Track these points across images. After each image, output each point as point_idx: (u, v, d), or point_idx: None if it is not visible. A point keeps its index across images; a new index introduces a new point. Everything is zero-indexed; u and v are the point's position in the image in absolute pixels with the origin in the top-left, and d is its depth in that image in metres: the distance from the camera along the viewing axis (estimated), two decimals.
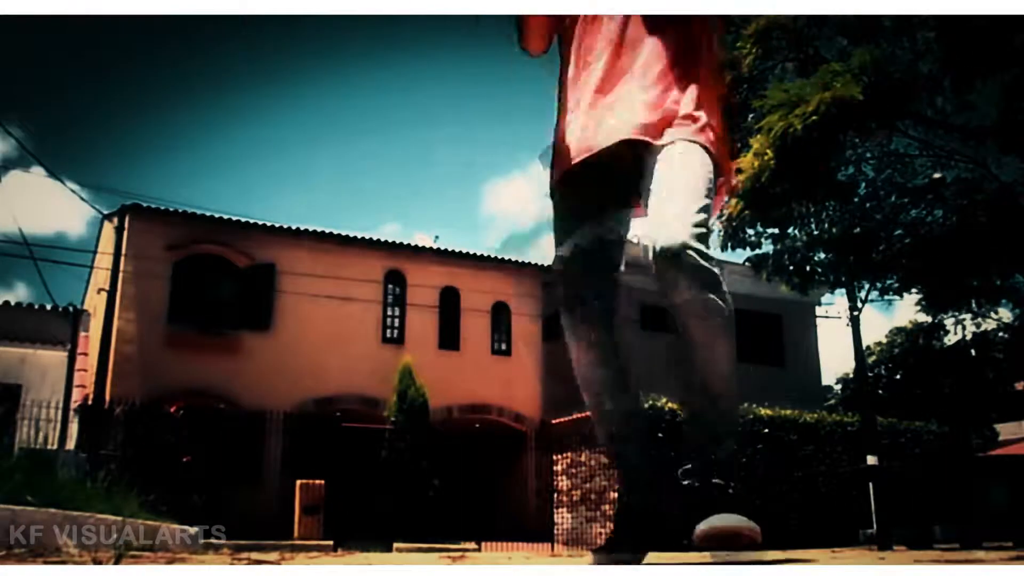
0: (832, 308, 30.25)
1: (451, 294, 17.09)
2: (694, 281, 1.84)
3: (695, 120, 2.04)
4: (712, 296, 1.86)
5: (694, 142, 2.01)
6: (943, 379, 23.70)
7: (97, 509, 4.28)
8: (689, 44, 2.16)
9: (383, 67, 46.01)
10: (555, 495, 14.30)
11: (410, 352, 15.21)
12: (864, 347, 14.79)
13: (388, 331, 16.49)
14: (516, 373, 16.84)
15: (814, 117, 7.10)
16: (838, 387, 26.77)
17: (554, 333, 18.69)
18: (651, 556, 2.05)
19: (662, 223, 1.90)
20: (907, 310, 63.28)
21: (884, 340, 26.45)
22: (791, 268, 10.49)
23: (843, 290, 12.90)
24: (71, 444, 12.45)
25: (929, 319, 19.09)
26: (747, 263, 11.15)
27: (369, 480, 13.18)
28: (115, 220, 14.77)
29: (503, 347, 17.13)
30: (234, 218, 15.72)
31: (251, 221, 15.84)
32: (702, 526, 1.79)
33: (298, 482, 12.34)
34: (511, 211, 59.50)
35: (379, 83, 47.43)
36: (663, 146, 2.01)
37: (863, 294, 12.89)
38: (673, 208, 1.91)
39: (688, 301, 1.87)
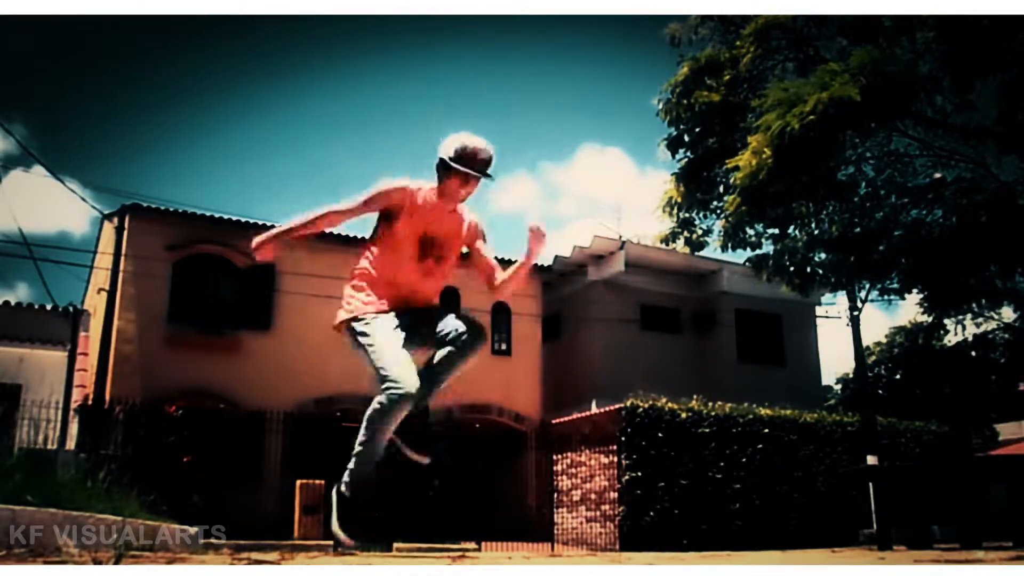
0: (832, 308, 30.23)
1: (451, 294, 17.08)
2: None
3: None
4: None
5: None
6: (943, 379, 23.67)
7: (97, 509, 4.28)
8: None
9: (385, 66, 46.07)
10: (555, 495, 14.30)
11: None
12: (864, 347, 14.76)
13: None
14: (516, 373, 16.81)
15: (812, 117, 7.10)
16: (838, 387, 26.73)
17: (554, 333, 18.70)
18: (651, 556, 2.05)
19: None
20: (907, 310, 63.27)
21: (884, 340, 26.42)
22: (791, 268, 10.47)
23: (843, 290, 12.88)
24: (71, 444, 12.43)
25: (929, 319, 19.07)
26: (747, 263, 11.13)
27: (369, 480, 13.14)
28: (115, 220, 14.75)
29: (503, 347, 17.11)
30: (234, 218, 15.70)
31: (251, 221, 15.80)
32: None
33: (298, 482, 12.32)
34: (512, 210, 59.53)
35: (380, 82, 47.47)
36: None
37: (863, 294, 12.87)
38: None
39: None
